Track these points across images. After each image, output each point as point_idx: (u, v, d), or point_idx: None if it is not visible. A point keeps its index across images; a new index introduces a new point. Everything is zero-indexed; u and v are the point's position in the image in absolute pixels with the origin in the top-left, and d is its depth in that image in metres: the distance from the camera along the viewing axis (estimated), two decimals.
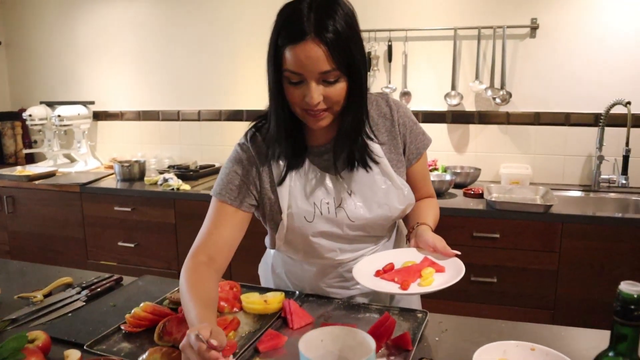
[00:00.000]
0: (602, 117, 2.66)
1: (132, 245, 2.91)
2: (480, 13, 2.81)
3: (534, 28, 2.75)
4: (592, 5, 2.66)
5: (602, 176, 2.71)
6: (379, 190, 1.22)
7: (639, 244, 2.19)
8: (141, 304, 1.17)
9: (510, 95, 2.80)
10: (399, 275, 1.12)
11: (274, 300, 1.23)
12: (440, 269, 1.13)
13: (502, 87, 2.81)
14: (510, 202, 2.35)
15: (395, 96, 3.04)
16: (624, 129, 2.62)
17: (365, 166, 1.21)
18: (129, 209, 2.86)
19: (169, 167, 3.26)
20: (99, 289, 1.38)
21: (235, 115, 3.36)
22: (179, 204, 2.79)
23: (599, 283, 2.26)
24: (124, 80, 3.55)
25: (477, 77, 2.84)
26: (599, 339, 1.11)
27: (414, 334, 1.10)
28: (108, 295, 1.36)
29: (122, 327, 1.14)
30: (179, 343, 1.02)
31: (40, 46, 3.73)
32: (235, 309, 1.24)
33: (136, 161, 3.11)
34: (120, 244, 2.93)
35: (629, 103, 2.48)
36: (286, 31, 1.05)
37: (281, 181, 1.22)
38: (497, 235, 2.33)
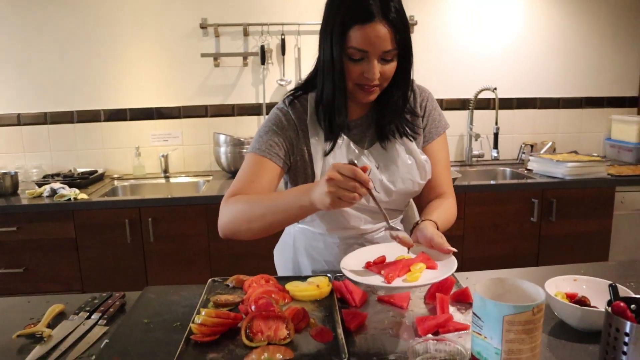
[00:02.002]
0: (471, 102, 3.13)
1: (20, 270, 2.46)
2: None
3: (412, 25, 3.09)
4: (462, 5, 3.12)
5: (473, 152, 3.20)
6: (405, 165, 1.32)
7: (521, 204, 2.67)
8: (202, 311, 1.07)
9: None
10: (386, 268, 1.10)
11: (323, 283, 1.24)
12: (432, 266, 1.10)
13: None
14: None
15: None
16: (489, 111, 3.14)
17: (409, 136, 1.33)
18: (13, 229, 2.42)
19: (45, 176, 2.83)
20: (110, 309, 1.21)
21: (117, 115, 3.06)
22: (79, 215, 2.46)
23: (495, 240, 2.69)
24: None
25: None
26: None
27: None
28: (127, 315, 1.19)
29: (192, 339, 1.03)
30: (273, 340, 1.00)
31: None
32: (286, 300, 1.21)
33: (5, 173, 2.63)
34: (2, 271, 2.46)
35: (495, 89, 2.97)
36: (353, 12, 1.12)
37: (318, 148, 1.29)
38: None
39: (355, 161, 1.01)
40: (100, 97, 3.03)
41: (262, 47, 3.01)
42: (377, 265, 1.14)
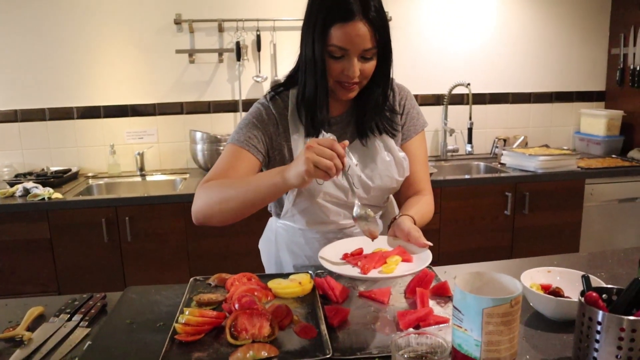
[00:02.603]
0: (445, 97, 3.18)
1: None
2: None
3: None
4: (436, 2, 3.16)
5: (448, 147, 3.25)
6: (383, 162, 1.35)
7: (495, 198, 2.73)
8: (186, 311, 1.08)
9: None
10: (363, 260, 1.12)
11: (305, 280, 1.25)
12: (408, 259, 1.13)
13: None
14: None
15: (266, 86, 3.12)
16: (463, 106, 3.19)
17: (388, 133, 1.35)
18: None
19: (17, 176, 2.77)
20: (92, 310, 1.20)
21: (90, 113, 3.00)
22: (54, 215, 2.41)
23: (470, 233, 2.74)
24: None
25: None
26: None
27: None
28: (109, 316, 1.18)
29: (176, 338, 1.03)
30: (258, 337, 1.01)
31: None
32: (269, 298, 1.22)
33: None
34: None
35: (469, 84, 3.03)
36: (334, 11, 1.14)
37: (299, 143, 1.31)
38: None
39: (333, 137, 1.06)
40: (73, 94, 2.97)
41: (238, 43, 2.99)
42: (355, 257, 1.18)
